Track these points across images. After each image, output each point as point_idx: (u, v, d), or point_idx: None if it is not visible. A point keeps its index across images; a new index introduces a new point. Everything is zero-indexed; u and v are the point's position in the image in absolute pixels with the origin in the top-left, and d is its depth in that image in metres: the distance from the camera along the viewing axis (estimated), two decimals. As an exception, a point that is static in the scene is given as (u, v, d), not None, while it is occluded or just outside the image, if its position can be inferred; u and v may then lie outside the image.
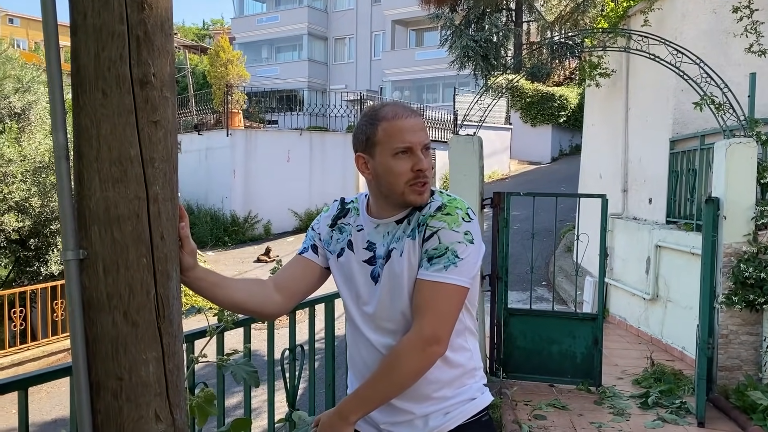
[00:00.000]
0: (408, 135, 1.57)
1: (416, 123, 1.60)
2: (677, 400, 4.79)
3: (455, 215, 1.55)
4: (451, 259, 1.52)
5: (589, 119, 10.50)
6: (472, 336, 1.70)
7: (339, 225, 1.75)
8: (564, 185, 16.49)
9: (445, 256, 1.52)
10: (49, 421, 6.43)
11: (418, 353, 1.50)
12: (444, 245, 1.53)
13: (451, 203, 1.58)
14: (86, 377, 1.27)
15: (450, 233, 1.53)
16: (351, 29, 33.74)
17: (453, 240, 1.53)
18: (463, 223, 1.55)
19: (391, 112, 1.59)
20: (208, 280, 1.54)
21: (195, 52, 35.01)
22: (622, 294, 7.67)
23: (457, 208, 1.57)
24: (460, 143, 5.48)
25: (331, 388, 3.20)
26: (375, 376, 1.55)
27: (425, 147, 1.60)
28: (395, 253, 1.60)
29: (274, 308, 1.68)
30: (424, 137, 1.60)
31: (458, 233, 1.53)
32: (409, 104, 16.33)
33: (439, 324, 1.51)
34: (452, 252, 1.52)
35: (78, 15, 1.22)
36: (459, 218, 1.55)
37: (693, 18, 6.57)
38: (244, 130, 17.09)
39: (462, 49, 13.09)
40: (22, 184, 9.30)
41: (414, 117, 1.61)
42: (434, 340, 1.50)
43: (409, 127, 1.58)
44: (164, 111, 1.29)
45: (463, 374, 1.66)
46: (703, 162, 5.84)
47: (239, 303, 1.62)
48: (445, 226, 1.54)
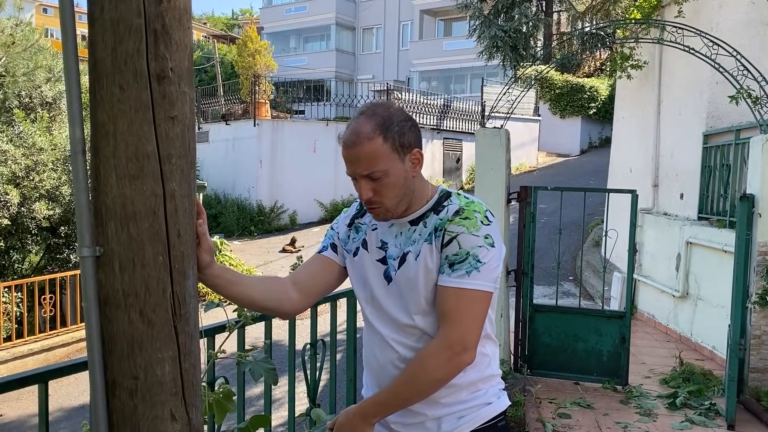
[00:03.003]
0: (347, 164, 1.55)
1: (353, 153, 1.51)
2: (706, 401, 4.69)
3: (474, 219, 1.52)
4: (472, 264, 1.49)
5: (619, 112, 10.30)
6: (490, 342, 1.66)
7: (356, 224, 1.74)
8: (593, 178, 16.25)
9: (467, 261, 1.49)
10: (76, 406, 6.54)
11: (444, 361, 1.48)
12: (465, 250, 1.49)
13: (468, 206, 1.54)
14: (102, 375, 1.26)
15: (470, 237, 1.50)
16: (379, 19, 33.59)
17: (473, 244, 1.49)
18: (483, 227, 1.51)
19: (344, 134, 1.55)
20: (225, 278, 1.53)
21: (224, 41, 35.29)
22: (651, 291, 7.53)
23: (476, 212, 1.53)
24: (486, 136, 5.40)
25: (353, 383, 3.18)
26: (399, 381, 1.52)
27: (366, 176, 1.52)
28: (410, 256, 1.57)
29: (291, 307, 1.66)
30: (362, 168, 1.51)
31: (478, 237, 1.50)
32: (434, 96, 16.13)
33: (465, 331, 1.48)
34: (473, 257, 1.49)
35: (95, 7, 1.20)
36: (478, 222, 1.51)
37: (730, 8, 6.37)
38: (271, 121, 17.14)
39: (491, 39, 12.88)
40: (53, 173, 9.46)
41: (353, 147, 1.51)
42: (461, 347, 1.48)
43: (347, 157, 1.54)
44: (182, 106, 1.26)
45: (479, 380, 1.63)
46: (738, 157, 5.68)
47: (256, 301, 1.61)
48: (464, 231, 1.50)
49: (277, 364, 2.06)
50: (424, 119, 18.40)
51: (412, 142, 1.56)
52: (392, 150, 1.52)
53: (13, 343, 8.25)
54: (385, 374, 1.66)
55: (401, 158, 1.54)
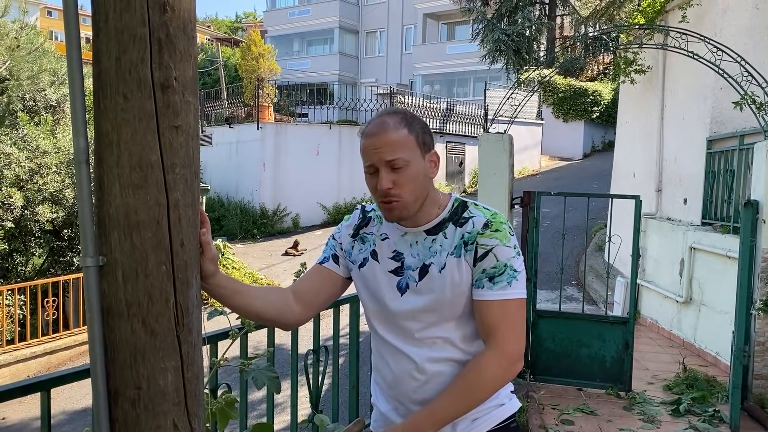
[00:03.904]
0: (369, 154, 1.54)
1: (378, 141, 1.52)
2: (710, 408, 4.67)
3: (504, 231, 1.55)
4: (511, 274, 1.53)
5: (623, 116, 10.29)
6: None
7: (361, 235, 1.71)
8: (596, 182, 16.23)
9: (506, 272, 1.53)
10: (79, 410, 6.54)
11: (502, 372, 1.52)
12: (502, 262, 1.53)
13: (495, 218, 1.56)
14: (104, 385, 1.25)
15: (505, 249, 1.53)
16: (382, 23, 33.64)
17: (509, 256, 1.54)
18: (512, 238, 1.56)
19: (367, 127, 1.57)
20: (229, 288, 1.52)
21: (228, 44, 35.35)
22: (654, 296, 7.51)
23: (503, 223, 1.56)
24: (490, 141, 5.39)
25: (355, 390, 3.18)
26: (455, 393, 1.53)
27: (389, 164, 1.52)
28: (434, 268, 1.56)
29: (293, 318, 1.65)
30: (386, 154, 1.51)
31: (511, 248, 1.54)
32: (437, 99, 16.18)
33: (516, 340, 1.54)
34: (510, 267, 1.53)
35: (100, 17, 1.20)
36: (507, 233, 1.55)
37: (734, 14, 6.36)
38: (274, 124, 17.17)
39: (494, 43, 12.90)
40: (56, 176, 9.48)
41: (379, 134, 1.52)
42: (516, 356, 1.53)
43: (371, 145, 1.53)
44: (186, 115, 1.26)
45: None
46: (742, 163, 5.67)
47: (259, 312, 1.59)
48: (498, 243, 1.53)
49: (279, 368, 2.06)
50: (427, 123, 18.38)
51: (431, 144, 1.60)
52: (416, 144, 1.55)
53: (16, 346, 8.26)
54: (403, 385, 1.64)
55: (422, 154, 1.56)
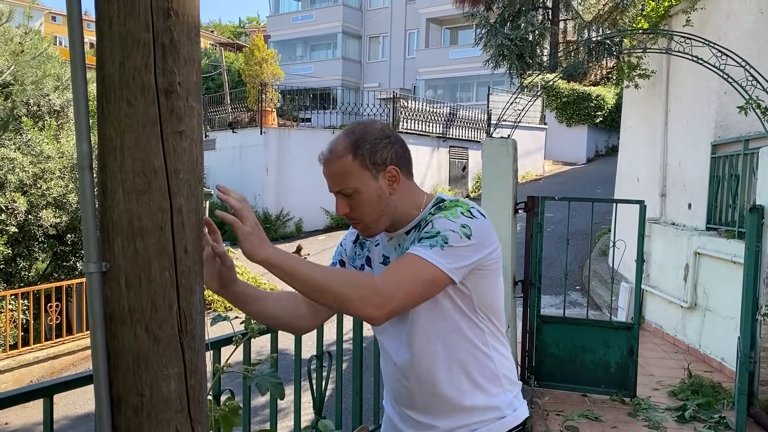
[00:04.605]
0: (326, 180, 1.58)
1: (326, 170, 1.57)
2: (716, 414, 4.64)
3: (454, 210, 1.51)
4: (438, 241, 1.45)
5: (626, 121, 10.27)
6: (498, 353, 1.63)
7: (360, 240, 1.75)
8: (600, 187, 16.20)
9: (434, 238, 1.46)
10: (81, 414, 6.54)
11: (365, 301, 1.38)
12: (436, 230, 1.47)
13: (452, 202, 1.56)
14: (107, 392, 1.25)
15: (444, 221, 1.49)
16: (385, 27, 33.72)
17: (446, 227, 1.47)
18: (462, 217, 1.49)
19: (322, 152, 1.60)
20: (248, 294, 1.54)
21: (231, 49, 35.42)
22: (659, 301, 7.48)
23: (458, 206, 1.53)
24: (493, 146, 5.38)
25: (359, 395, 3.17)
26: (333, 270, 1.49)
27: (339, 193, 1.55)
28: None
29: (305, 323, 1.67)
30: (334, 185, 1.56)
31: (454, 223, 1.48)
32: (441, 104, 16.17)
33: (393, 285, 1.40)
34: (443, 237, 1.46)
35: (104, 23, 1.20)
36: (458, 212, 1.50)
37: (738, 18, 6.35)
38: (277, 129, 17.19)
39: (497, 48, 12.93)
40: (60, 181, 9.50)
41: (326, 164, 1.56)
42: (383, 300, 1.38)
43: (323, 173, 1.58)
44: (189, 121, 1.26)
45: (489, 390, 1.61)
46: (747, 167, 5.65)
47: (277, 317, 1.62)
48: (441, 216, 1.50)
49: (283, 373, 2.05)
50: (430, 127, 18.40)
51: (386, 160, 1.55)
52: (362, 167, 1.53)
53: (19, 350, 8.26)
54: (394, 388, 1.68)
55: (374, 175, 1.54)
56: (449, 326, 1.56)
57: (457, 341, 1.57)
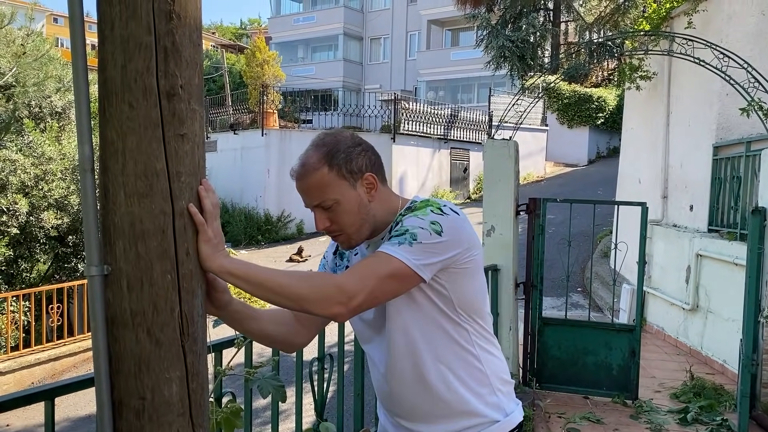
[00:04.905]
0: (301, 196, 1.56)
1: (301, 185, 1.53)
2: (718, 417, 4.62)
3: (424, 209, 1.50)
4: (407, 238, 1.43)
5: (628, 122, 10.26)
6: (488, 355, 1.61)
7: (340, 251, 1.75)
8: (601, 189, 16.19)
9: (403, 235, 1.44)
10: (83, 416, 6.53)
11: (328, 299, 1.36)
12: (405, 227, 1.46)
13: (423, 202, 1.54)
14: (109, 395, 1.24)
15: (413, 219, 1.47)
16: (386, 29, 33.73)
17: (415, 225, 1.45)
18: (431, 215, 1.47)
19: (294, 167, 1.55)
20: (244, 313, 1.54)
21: (232, 51, 35.45)
22: (661, 303, 7.47)
23: (428, 206, 1.51)
24: (495, 148, 5.38)
25: (360, 398, 3.16)
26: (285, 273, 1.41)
27: (318, 206, 1.53)
28: None
29: (298, 340, 1.67)
30: (312, 198, 1.53)
31: (423, 220, 1.46)
32: (442, 105, 16.02)
33: (356, 282, 1.37)
34: (411, 234, 1.44)
35: (105, 25, 1.20)
36: (428, 211, 1.49)
37: (740, 20, 6.34)
38: (278, 130, 17.20)
39: (498, 50, 12.88)
40: (62, 182, 9.50)
41: (300, 179, 1.52)
42: (346, 297, 1.36)
43: (298, 189, 1.55)
44: (191, 124, 1.26)
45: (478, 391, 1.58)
46: (749, 169, 5.64)
47: (270, 335, 1.62)
48: (410, 215, 1.50)
49: (284, 376, 2.05)
50: (431, 129, 18.41)
51: (362, 167, 1.53)
52: (340, 177, 1.50)
53: (21, 352, 8.26)
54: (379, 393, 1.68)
55: (351, 185, 1.52)
56: (431, 328, 1.54)
57: (440, 343, 1.55)
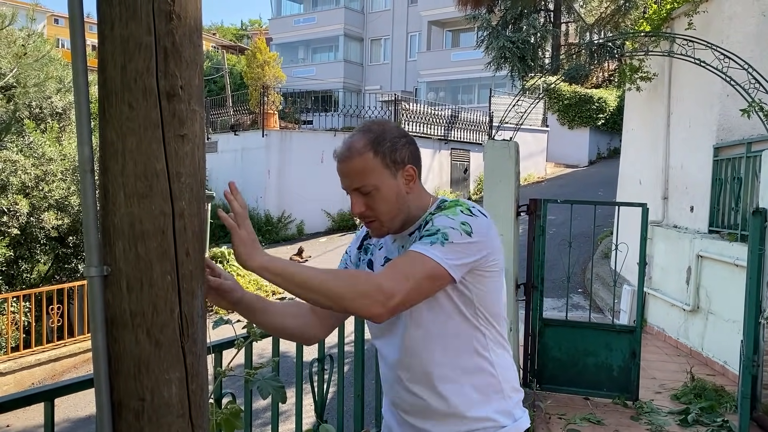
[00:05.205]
0: (340, 178, 1.56)
1: (344, 167, 1.54)
2: (719, 418, 4.62)
3: (454, 209, 1.51)
4: (439, 238, 1.44)
5: (628, 123, 10.26)
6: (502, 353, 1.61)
7: (365, 246, 1.75)
8: (602, 189, 16.19)
9: (435, 235, 1.45)
10: (83, 417, 6.53)
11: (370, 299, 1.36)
12: (436, 227, 1.47)
13: (452, 202, 1.56)
14: (108, 397, 1.24)
15: (444, 218, 1.49)
16: (387, 30, 33.75)
17: (446, 224, 1.47)
18: (461, 215, 1.49)
19: (338, 149, 1.56)
20: (257, 307, 1.57)
21: (233, 52, 35.49)
22: (661, 304, 7.47)
23: (458, 206, 1.53)
24: (495, 148, 5.38)
25: (361, 399, 3.16)
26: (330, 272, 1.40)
27: (357, 190, 1.54)
28: None
29: (313, 332, 1.68)
30: (353, 181, 1.53)
31: (453, 220, 1.47)
32: (442, 106, 16.10)
33: (395, 282, 1.37)
34: (443, 234, 1.45)
35: (105, 26, 1.19)
36: (458, 211, 1.50)
37: (740, 20, 6.34)
38: (279, 131, 17.21)
39: (498, 50, 12.89)
40: (62, 183, 9.50)
41: (344, 161, 1.53)
42: (385, 297, 1.36)
43: (339, 170, 1.56)
44: (192, 124, 1.25)
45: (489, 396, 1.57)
46: (750, 170, 5.63)
47: (286, 328, 1.64)
48: (441, 215, 1.51)
49: (284, 377, 2.05)
50: (431, 130, 18.41)
51: (405, 159, 1.56)
52: (383, 165, 1.52)
53: (21, 353, 8.26)
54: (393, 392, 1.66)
55: (393, 174, 1.54)
56: (449, 329, 1.54)
57: (456, 345, 1.54)
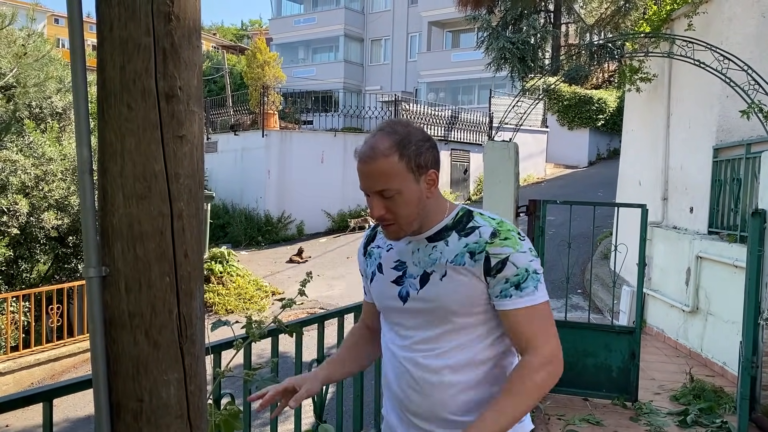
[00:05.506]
0: (361, 179, 1.53)
1: (367, 169, 1.50)
2: (717, 419, 4.62)
3: (513, 237, 1.52)
4: (534, 278, 1.51)
5: (628, 124, 10.26)
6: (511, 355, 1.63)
7: (369, 250, 1.74)
8: (601, 190, 16.19)
9: (529, 278, 1.50)
10: (82, 417, 6.53)
11: (548, 375, 1.48)
12: (523, 268, 1.50)
13: (501, 227, 1.54)
14: (107, 397, 1.24)
15: (520, 256, 1.50)
16: (387, 30, 33.74)
17: (527, 261, 1.50)
18: (523, 242, 1.52)
19: (361, 148, 1.53)
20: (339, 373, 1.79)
21: (233, 52, 35.51)
22: (661, 305, 7.47)
23: (510, 230, 1.53)
24: (495, 149, 5.38)
25: (360, 399, 3.16)
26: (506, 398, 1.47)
27: (378, 193, 1.51)
28: (434, 276, 1.54)
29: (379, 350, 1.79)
30: (375, 184, 1.50)
31: (526, 253, 1.51)
32: (442, 107, 16.11)
33: (552, 342, 1.51)
34: (532, 272, 1.51)
35: (105, 27, 1.20)
36: (517, 239, 1.52)
37: (740, 22, 6.34)
38: (279, 131, 17.20)
39: (498, 51, 12.87)
40: (62, 183, 9.50)
41: (368, 162, 1.49)
42: (557, 359, 1.50)
43: (361, 171, 1.52)
44: (190, 125, 1.25)
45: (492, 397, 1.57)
46: (749, 171, 5.63)
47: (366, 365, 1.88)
48: (512, 251, 1.50)
49: (283, 376, 2.04)
50: (431, 130, 18.41)
51: (428, 163, 1.53)
52: (407, 169, 1.49)
53: (21, 353, 8.26)
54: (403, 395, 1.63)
55: (416, 178, 1.51)
56: (479, 334, 1.56)
57: (482, 350, 1.57)
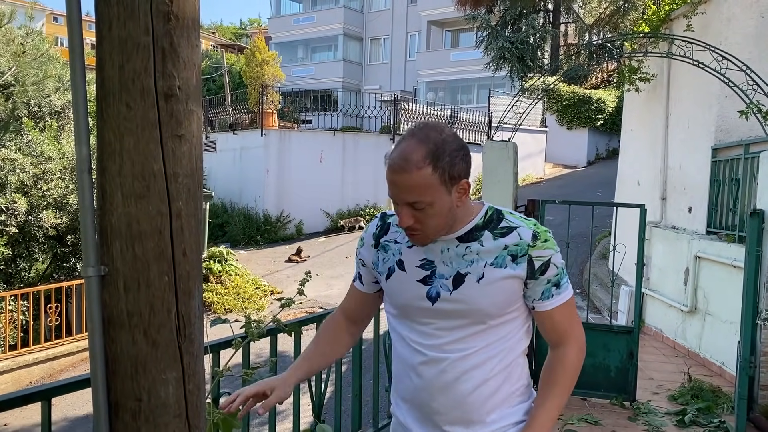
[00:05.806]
0: (390, 187, 1.48)
1: (398, 179, 1.44)
2: (715, 419, 4.63)
3: (550, 238, 1.58)
4: (565, 273, 1.61)
5: (627, 124, 10.27)
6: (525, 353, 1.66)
7: (383, 244, 1.66)
8: (600, 190, 16.20)
9: (562, 274, 1.59)
10: (81, 416, 6.53)
11: (579, 362, 1.60)
12: (561, 267, 1.59)
13: (539, 228, 1.57)
14: (105, 397, 1.24)
15: (558, 255, 1.58)
16: (386, 30, 33.72)
17: (561, 259, 1.60)
18: (554, 241, 1.60)
19: (392, 154, 1.47)
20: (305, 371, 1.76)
21: (232, 51, 35.47)
22: (659, 305, 7.48)
23: (545, 230, 1.58)
24: (494, 149, 5.38)
25: (358, 399, 3.16)
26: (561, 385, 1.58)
27: (409, 204, 1.46)
28: (470, 277, 1.51)
29: (353, 340, 1.85)
30: (407, 196, 1.45)
31: (559, 252, 1.60)
32: (441, 106, 16.11)
33: (579, 328, 1.64)
34: (563, 269, 1.60)
35: (103, 26, 1.19)
36: (552, 239, 1.58)
37: (739, 22, 6.35)
38: (278, 131, 17.19)
39: (498, 51, 12.86)
40: (61, 182, 9.49)
41: (400, 173, 1.43)
42: (583, 343, 1.63)
43: (391, 180, 1.46)
44: (189, 125, 1.25)
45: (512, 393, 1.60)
46: (747, 172, 5.64)
47: (338, 356, 1.88)
48: (552, 252, 1.56)
49: (282, 376, 2.05)
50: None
51: (461, 173, 1.48)
52: (440, 182, 1.44)
53: (19, 351, 8.25)
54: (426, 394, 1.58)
55: (448, 190, 1.46)
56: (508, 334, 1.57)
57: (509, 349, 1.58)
